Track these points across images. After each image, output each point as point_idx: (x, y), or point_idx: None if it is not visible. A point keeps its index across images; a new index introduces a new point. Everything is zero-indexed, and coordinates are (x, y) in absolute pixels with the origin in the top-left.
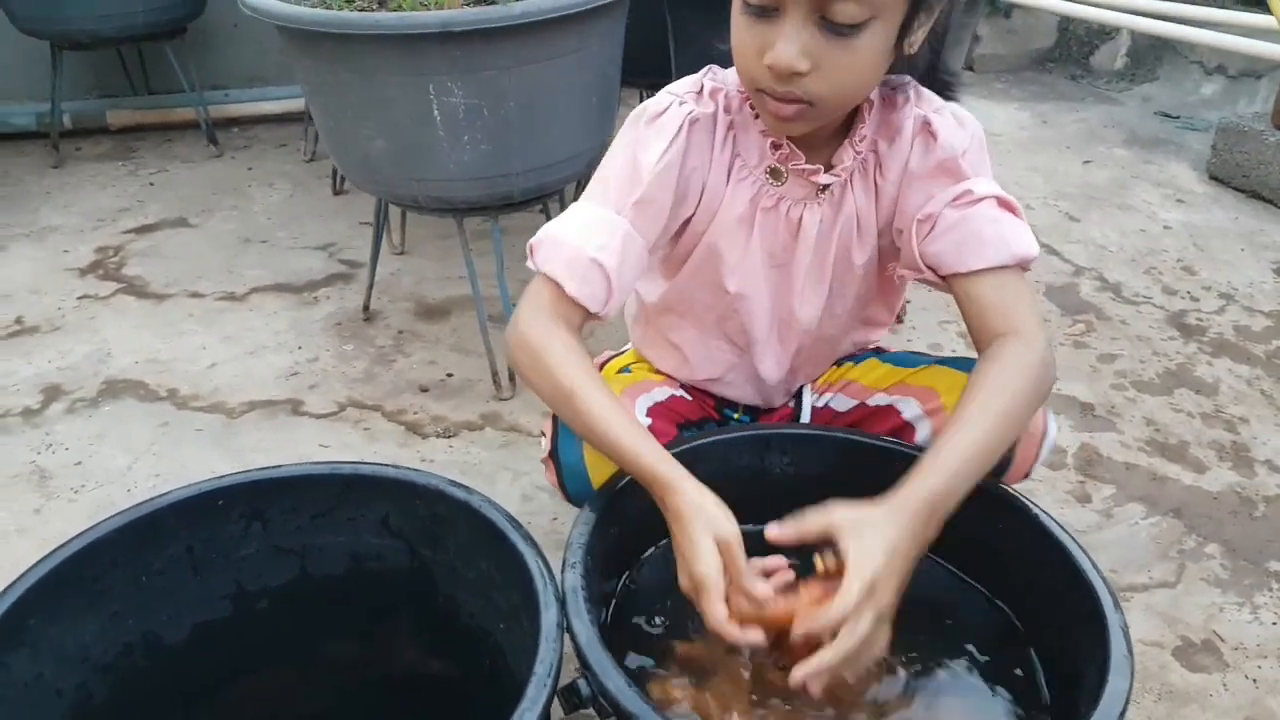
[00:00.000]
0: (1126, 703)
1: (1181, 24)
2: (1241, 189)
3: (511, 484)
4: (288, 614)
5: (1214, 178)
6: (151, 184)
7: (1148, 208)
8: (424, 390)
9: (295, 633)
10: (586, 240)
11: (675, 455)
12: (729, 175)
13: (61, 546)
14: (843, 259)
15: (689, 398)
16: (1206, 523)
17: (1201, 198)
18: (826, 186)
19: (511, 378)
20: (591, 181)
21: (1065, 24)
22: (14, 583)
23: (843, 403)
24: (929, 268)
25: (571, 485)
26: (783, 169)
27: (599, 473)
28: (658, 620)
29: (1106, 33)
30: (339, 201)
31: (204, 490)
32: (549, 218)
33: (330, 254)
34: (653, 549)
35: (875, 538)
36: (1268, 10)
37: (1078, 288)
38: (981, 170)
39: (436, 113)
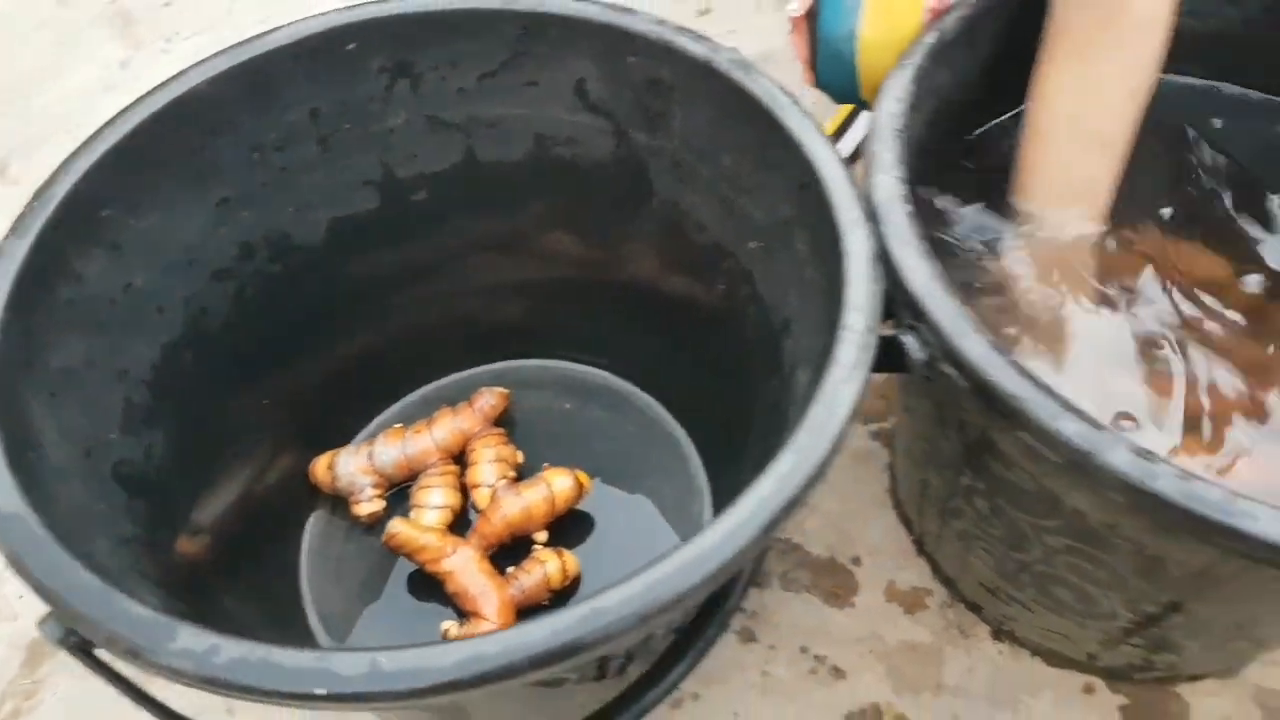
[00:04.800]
0: None
1: None
2: None
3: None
4: (450, 211)
5: None
6: None
7: None
8: None
9: (457, 237)
10: None
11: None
12: None
13: (135, 105)
14: None
15: None
16: None
17: None
18: None
19: None
20: None
21: None
22: (72, 157)
23: None
24: None
25: (827, 69)
26: None
27: (879, 57)
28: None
29: None
30: None
31: (329, 28)
32: None
33: None
34: (991, 124)
35: None
36: None
37: None
38: None
39: None
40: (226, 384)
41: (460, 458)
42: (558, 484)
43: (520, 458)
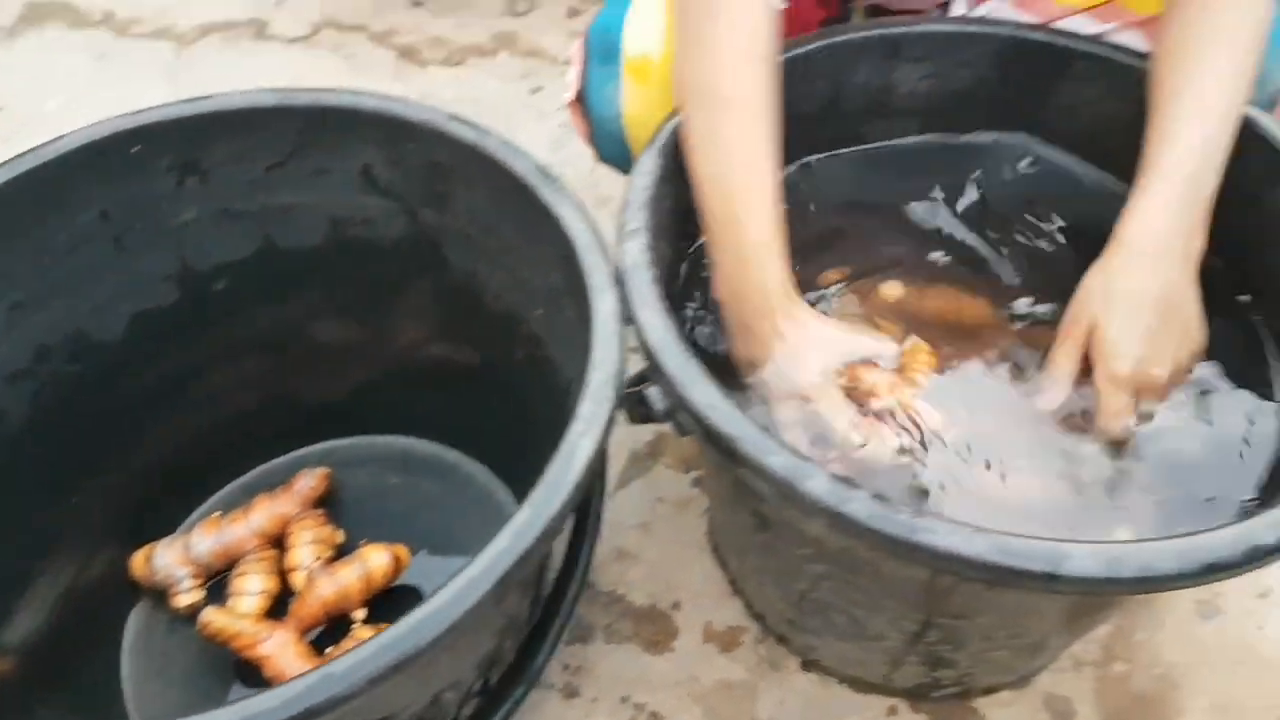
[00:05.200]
0: None
1: None
2: None
3: (537, 125)
4: (255, 298)
5: None
6: None
7: None
8: (417, 3)
9: (266, 321)
10: None
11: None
12: None
13: None
14: None
15: (782, 3)
16: None
17: None
18: None
19: None
20: None
21: None
22: None
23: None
24: None
25: (606, 145)
26: None
27: (643, 133)
28: None
29: None
30: None
31: (111, 133)
32: None
33: None
34: None
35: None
36: None
37: None
38: None
39: None
40: (31, 487)
41: (281, 541)
42: (373, 561)
43: (340, 538)
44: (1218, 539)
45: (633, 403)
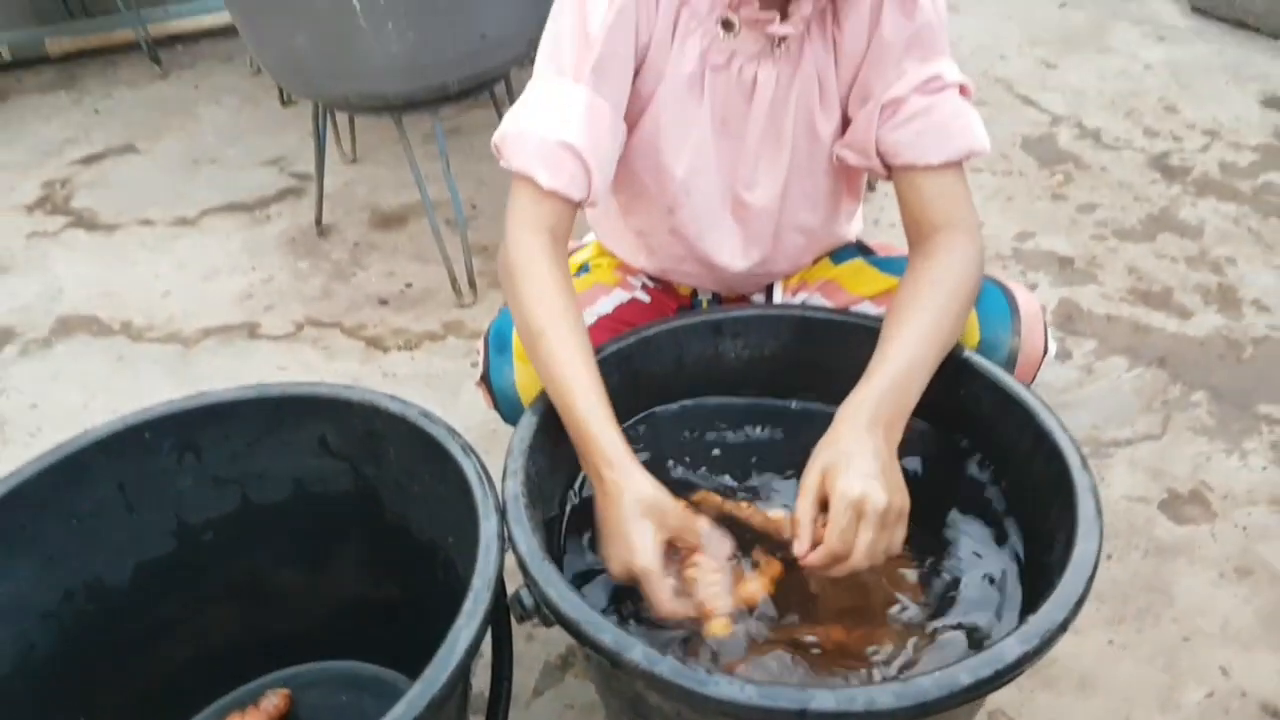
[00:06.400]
0: (1095, 568)
1: None
2: (1226, 19)
3: (477, 393)
4: (235, 545)
5: (1196, 9)
6: (96, 111)
7: (1128, 48)
8: (383, 303)
9: (244, 564)
10: (547, 122)
11: (625, 347)
12: (675, 28)
13: None
14: (804, 127)
15: (647, 299)
16: (1192, 370)
17: (1184, 32)
18: (783, 39)
19: (472, 283)
20: (540, 54)
21: None
22: None
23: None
24: (879, 153)
25: (507, 410)
26: (734, 18)
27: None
28: None
29: None
30: (288, 113)
31: (128, 425)
32: (497, 108)
33: (281, 168)
34: None
35: (850, 466)
36: None
37: (1055, 137)
38: (944, 45)
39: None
40: (50, 709)
41: None
42: None
43: None
44: (926, 681)
45: (514, 603)
